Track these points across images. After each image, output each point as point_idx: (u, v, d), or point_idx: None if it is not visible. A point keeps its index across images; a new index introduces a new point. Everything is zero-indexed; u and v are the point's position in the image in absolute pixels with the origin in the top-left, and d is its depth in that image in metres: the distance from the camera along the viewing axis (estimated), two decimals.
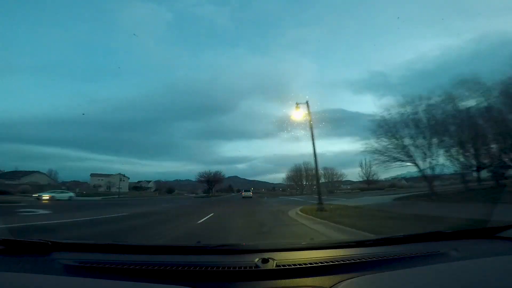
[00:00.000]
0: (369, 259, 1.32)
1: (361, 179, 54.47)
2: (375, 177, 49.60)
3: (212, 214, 10.65)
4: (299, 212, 10.43)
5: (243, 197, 36.63)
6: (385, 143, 17.75)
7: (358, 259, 1.32)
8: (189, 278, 1.14)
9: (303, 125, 14.30)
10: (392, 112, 17.57)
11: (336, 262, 1.27)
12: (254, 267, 1.20)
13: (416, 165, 17.21)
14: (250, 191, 41.50)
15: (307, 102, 13.15)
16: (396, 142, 17.32)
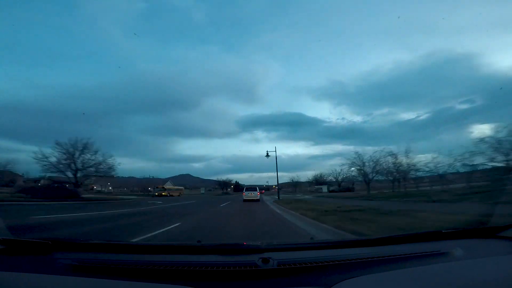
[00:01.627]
0: (370, 259, 1.32)
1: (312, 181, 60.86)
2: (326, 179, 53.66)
3: None
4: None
5: (245, 199, 22.25)
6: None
7: (359, 258, 1.32)
8: (189, 277, 1.14)
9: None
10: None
11: (337, 262, 1.28)
12: (255, 267, 1.21)
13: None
14: (256, 190, 23.63)
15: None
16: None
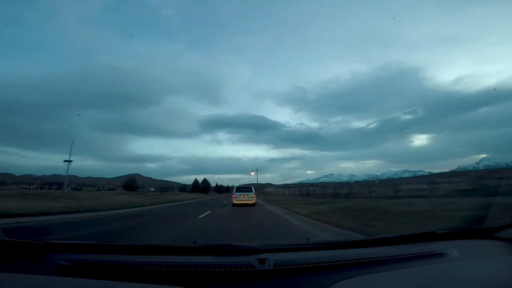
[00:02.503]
0: (366, 260, 1.31)
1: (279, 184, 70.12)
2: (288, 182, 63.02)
3: None
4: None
5: (234, 204, 16.83)
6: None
7: (355, 259, 1.31)
8: (184, 279, 1.13)
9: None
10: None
11: (333, 263, 1.27)
12: (251, 268, 1.19)
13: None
14: (252, 191, 17.54)
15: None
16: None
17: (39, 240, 1.43)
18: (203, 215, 10.69)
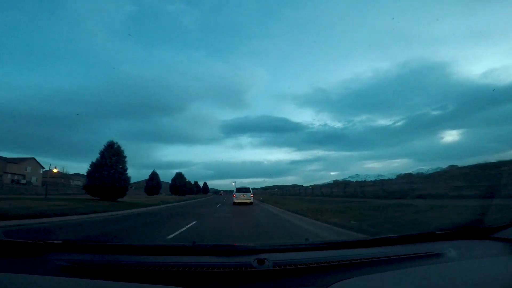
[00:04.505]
0: (365, 260, 1.32)
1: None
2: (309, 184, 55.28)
3: None
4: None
5: (235, 202, 19.35)
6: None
7: (354, 259, 1.32)
8: (183, 279, 1.13)
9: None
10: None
11: (332, 263, 1.27)
12: (250, 268, 1.19)
13: None
14: (249, 192, 20.10)
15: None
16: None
17: (38, 240, 1.43)
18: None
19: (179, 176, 56.58)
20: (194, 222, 8.32)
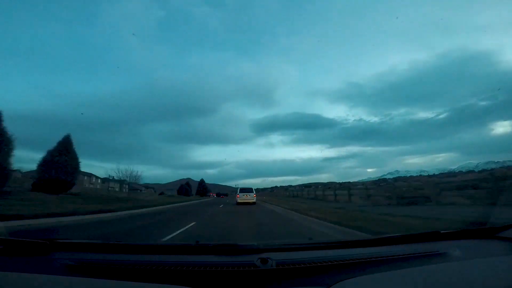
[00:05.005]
0: (369, 259, 1.31)
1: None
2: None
3: None
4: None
5: (238, 202, 19.76)
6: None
7: (358, 259, 1.31)
8: (187, 278, 1.13)
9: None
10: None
11: (336, 262, 1.27)
12: (253, 267, 1.19)
13: None
14: (252, 192, 20.61)
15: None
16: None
17: (43, 239, 1.45)
18: None
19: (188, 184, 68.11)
20: None
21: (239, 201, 20.04)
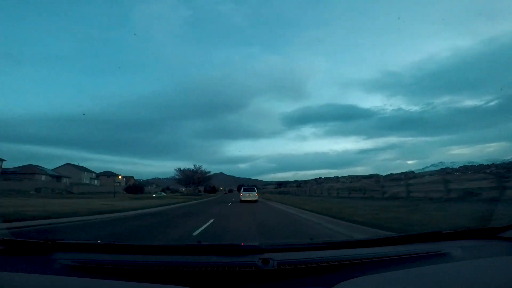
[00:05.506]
0: (370, 259, 1.31)
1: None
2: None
3: None
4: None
5: (242, 200, 21.63)
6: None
7: (359, 259, 1.31)
8: (188, 278, 1.14)
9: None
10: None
11: (337, 262, 1.27)
12: (255, 268, 1.20)
13: None
14: (254, 191, 22.88)
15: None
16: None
17: (44, 240, 1.46)
18: None
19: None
20: None
21: (242, 199, 21.87)
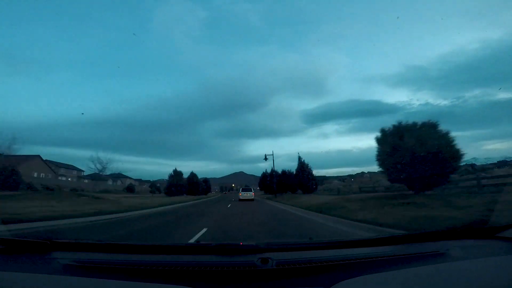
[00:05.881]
0: (369, 259, 1.31)
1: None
2: None
3: None
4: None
5: (241, 199, 24.87)
6: None
7: (358, 258, 1.31)
8: (188, 278, 1.14)
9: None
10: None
11: (336, 262, 1.27)
12: (254, 267, 1.20)
13: None
14: (251, 191, 26.45)
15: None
16: None
17: (43, 239, 1.45)
18: None
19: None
20: None
21: (240, 198, 25.21)
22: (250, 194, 25.61)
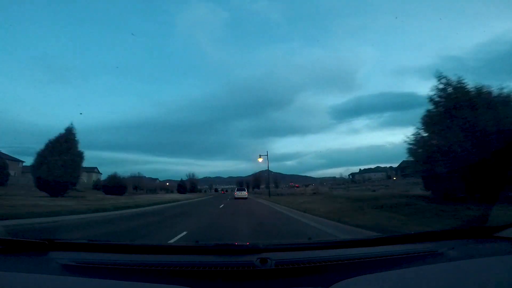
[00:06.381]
0: (368, 259, 1.32)
1: None
2: None
3: None
4: None
5: (236, 197, 28.61)
6: None
7: (356, 258, 1.32)
8: (186, 278, 1.14)
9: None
10: None
11: (335, 262, 1.28)
12: (253, 267, 1.20)
13: None
14: (245, 190, 31.51)
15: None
16: None
17: (41, 239, 1.46)
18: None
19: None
20: None
21: (236, 196, 29.51)
22: (244, 193, 30.17)
